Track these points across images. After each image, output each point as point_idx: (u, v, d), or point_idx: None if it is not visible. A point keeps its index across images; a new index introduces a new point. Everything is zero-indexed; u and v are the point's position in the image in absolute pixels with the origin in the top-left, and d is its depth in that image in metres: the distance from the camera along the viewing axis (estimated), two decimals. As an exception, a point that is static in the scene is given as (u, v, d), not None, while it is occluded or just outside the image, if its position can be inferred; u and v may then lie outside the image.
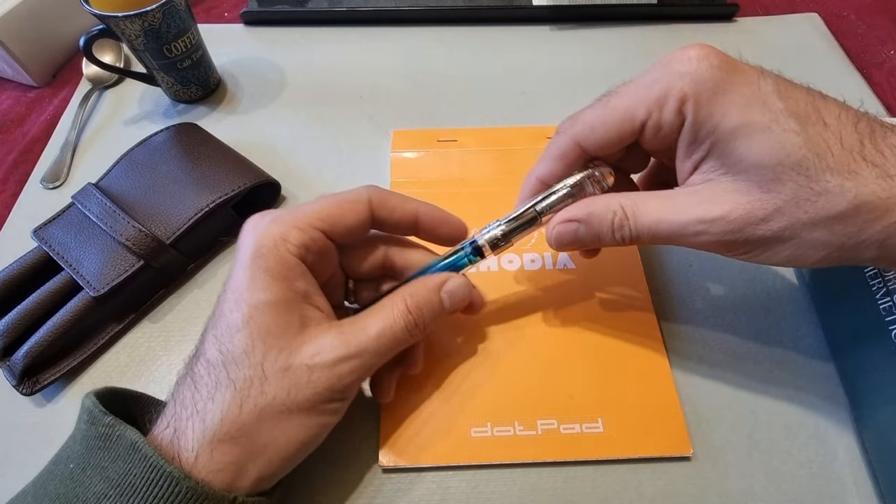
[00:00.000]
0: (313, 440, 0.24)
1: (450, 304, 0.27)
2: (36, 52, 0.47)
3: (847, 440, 0.29)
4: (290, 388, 0.22)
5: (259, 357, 0.23)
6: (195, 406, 0.22)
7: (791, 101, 0.22)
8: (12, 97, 0.48)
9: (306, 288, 0.25)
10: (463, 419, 0.29)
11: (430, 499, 0.28)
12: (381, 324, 0.25)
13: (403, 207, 0.27)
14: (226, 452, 0.22)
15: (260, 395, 0.22)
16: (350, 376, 0.23)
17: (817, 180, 0.21)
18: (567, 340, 0.32)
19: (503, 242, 0.27)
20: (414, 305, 0.25)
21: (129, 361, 0.33)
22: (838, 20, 0.52)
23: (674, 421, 0.29)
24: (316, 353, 0.23)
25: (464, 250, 0.28)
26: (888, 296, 0.28)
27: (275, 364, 0.23)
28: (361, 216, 0.26)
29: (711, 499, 0.28)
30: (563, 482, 0.28)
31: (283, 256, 0.24)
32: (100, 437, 0.22)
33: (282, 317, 0.23)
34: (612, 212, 0.25)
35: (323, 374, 0.23)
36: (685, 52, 0.23)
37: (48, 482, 0.22)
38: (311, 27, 0.51)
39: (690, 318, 0.33)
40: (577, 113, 0.27)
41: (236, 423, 0.22)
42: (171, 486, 0.20)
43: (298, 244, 0.24)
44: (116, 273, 0.32)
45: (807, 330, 0.33)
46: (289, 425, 0.23)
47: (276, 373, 0.23)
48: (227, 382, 0.22)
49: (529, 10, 0.51)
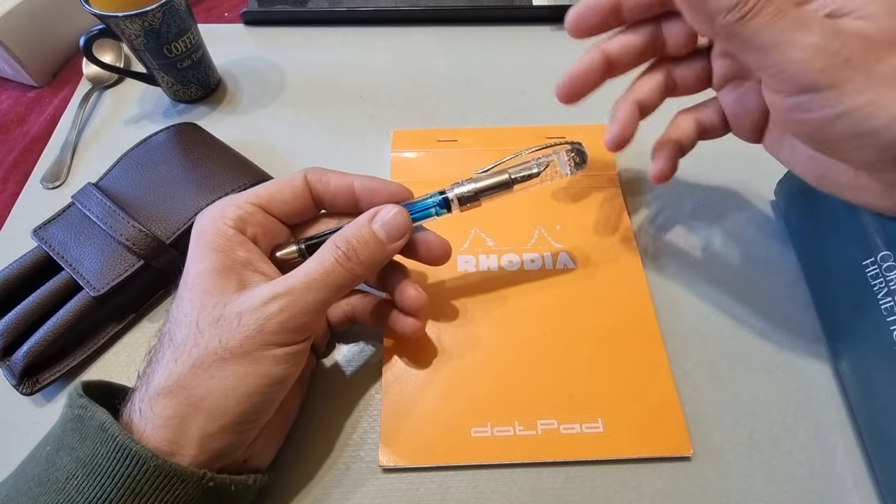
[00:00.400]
0: (255, 391, 0.23)
1: (385, 235, 0.26)
2: (36, 52, 0.47)
3: (847, 440, 0.29)
4: (220, 336, 0.23)
5: (195, 314, 0.23)
6: (145, 374, 0.24)
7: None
8: (12, 97, 0.48)
9: (247, 256, 0.25)
10: (463, 419, 0.29)
11: (430, 499, 0.28)
12: (310, 264, 0.25)
13: (340, 180, 0.28)
14: (165, 406, 0.22)
15: (194, 346, 0.23)
16: (280, 315, 0.23)
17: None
18: (567, 340, 0.32)
19: (472, 200, 0.28)
20: (341, 240, 0.25)
21: (129, 361, 0.33)
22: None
23: (674, 421, 0.29)
24: (245, 300, 0.23)
25: (431, 199, 0.28)
26: (889, 296, 0.28)
27: (208, 317, 0.23)
28: (297, 190, 0.28)
29: (711, 499, 0.28)
30: (563, 482, 0.28)
31: (219, 229, 0.25)
32: (74, 419, 0.23)
33: (219, 279, 0.24)
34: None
35: (252, 316, 0.23)
36: None
37: (27, 465, 0.23)
38: (311, 27, 0.51)
39: (691, 318, 0.33)
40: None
41: (172, 376, 0.22)
42: (137, 465, 0.21)
43: (234, 217, 0.26)
44: (116, 273, 0.32)
45: (807, 330, 0.33)
46: (224, 374, 0.22)
47: (210, 324, 0.23)
48: (168, 344, 0.23)
49: (529, 10, 0.51)
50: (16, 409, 0.31)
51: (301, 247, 0.28)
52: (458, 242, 0.36)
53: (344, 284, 0.25)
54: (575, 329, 0.32)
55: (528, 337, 0.32)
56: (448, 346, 0.32)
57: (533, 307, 0.33)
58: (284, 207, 0.27)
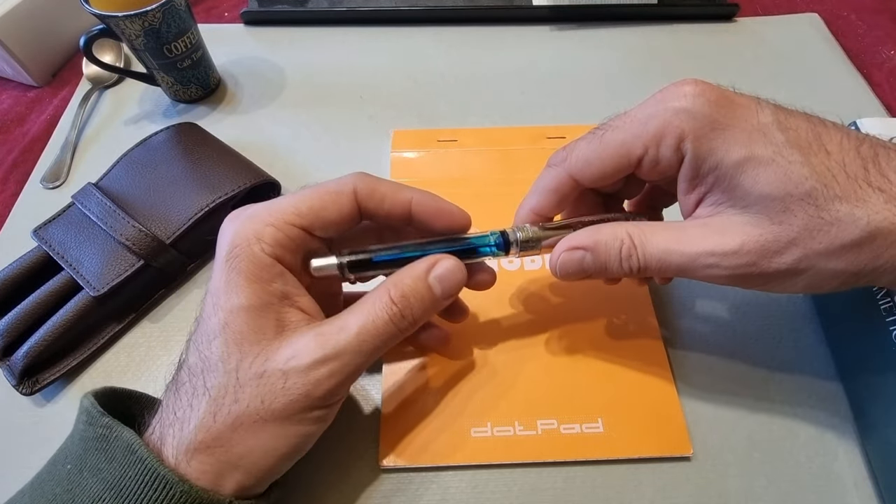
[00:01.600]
0: (294, 450, 0.23)
1: (441, 292, 0.24)
2: (36, 52, 0.47)
3: (847, 440, 0.29)
4: (263, 397, 0.21)
5: (234, 364, 0.22)
6: (175, 413, 0.22)
7: (792, 132, 0.22)
8: (12, 97, 0.48)
9: (284, 289, 0.23)
10: (463, 419, 0.29)
11: (430, 499, 0.28)
12: (363, 319, 0.23)
13: (395, 197, 0.25)
14: (202, 461, 0.21)
15: (234, 403, 0.21)
16: (329, 381, 0.22)
17: (827, 209, 0.21)
18: (567, 340, 0.32)
19: (534, 245, 0.26)
20: (398, 295, 0.23)
21: (129, 361, 0.33)
22: (838, 20, 0.52)
23: (674, 421, 0.29)
24: (291, 356, 0.22)
25: (491, 236, 0.26)
26: (888, 296, 0.28)
27: (249, 370, 0.21)
28: (345, 209, 0.24)
29: (711, 499, 0.28)
30: (563, 482, 0.28)
31: (256, 257, 0.22)
32: (97, 437, 0.22)
33: (256, 321, 0.22)
34: (620, 240, 0.24)
35: (299, 379, 0.21)
36: (680, 88, 0.23)
37: (45, 483, 0.22)
38: (311, 27, 0.51)
39: (691, 318, 0.33)
40: (570, 145, 0.26)
41: (211, 432, 0.21)
42: (165, 489, 0.20)
43: (273, 243, 0.23)
44: (116, 273, 0.32)
45: (807, 330, 0.33)
46: (266, 435, 0.21)
47: (251, 380, 0.21)
48: (203, 390, 0.22)
49: (529, 10, 0.51)
50: (16, 409, 0.31)
51: (342, 262, 0.24)
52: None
53: (392, 343, 0.23)
54: (575, 329, 0.32)
55: (528, 337, 0.32)
56: (447, 347, 0.32)
57: (533, 307, 0.33)
58: (328, 226, 0.24)
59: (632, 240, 0.24)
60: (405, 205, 0.25)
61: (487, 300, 0.33)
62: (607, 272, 0.25)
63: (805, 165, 0.21)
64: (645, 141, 0.23)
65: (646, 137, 0.23)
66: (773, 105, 0.23)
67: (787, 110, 0.23)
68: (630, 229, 0.25)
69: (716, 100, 0.22)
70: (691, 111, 0.22)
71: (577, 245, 0.25)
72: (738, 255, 0.22)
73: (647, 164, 0.24)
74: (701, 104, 0.22)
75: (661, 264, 0.24)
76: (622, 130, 0.24)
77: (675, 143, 0.23)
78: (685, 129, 0.22)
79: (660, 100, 0.23)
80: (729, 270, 0.23)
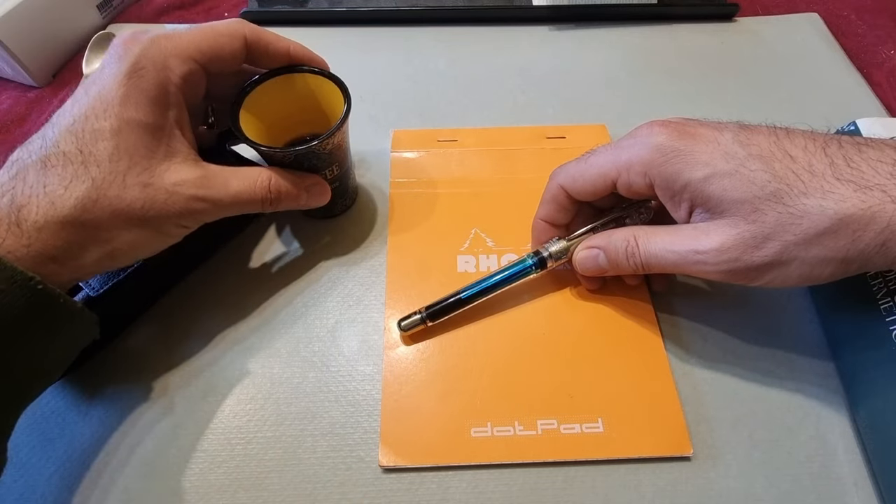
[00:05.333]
0: (149, 250, 0.27)
1: (305, 202, 0.31)
2: (36, 52, 0.47)
3: (847, 440, 0.29)
4: (145, 202, 0.25)
5: (123, 167, 0.25)
6: (44, 189, 0.23)
7: (753, 146, 0.25)
8: (12, 97, 0.48)
9: (178, 118, 0.27)
10: (463, 419, 0.29)
11: (430, 499, 0.28)
12: (242, 187, 0.28)
13: (277, 44, 0.30)
14: (72, 233, 0.24)
15: (116, 198, 0.24)
16: (199, 215, 0.27)
17: (794, 205, 0.23)
18: (567, 340, 0.32)
19: (564, 255, 0.31)
20: (275, 188, 0.29)
21: (130, 361, 0.32)
22: (838, 20, 0.52)
23: (674, 421, 0.29)
24: (178, 183, 0.26)
25: (528, 258, 0.32)
26: (889, 296, 0.28)
27: (137, 178, 0.25)
28: (238, 52, 0.29)
29: (711, 499, 0.28)
30: (563, 482, 0.28)
31: (162, 82, 0.26)
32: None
33: (150, 140, 0.25)
34: (626, 241, 0.29)
35: (179, 202, 0.26)
36: (650, 127, 0.27)
37: None
38: (311, 27, 0.51)
39: (691, 318, 0.33)
40: (565, 163, 0.31)
41: (88, 212, 0.24)
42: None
43: (181, 74, 0.26)
44: (115, 273, 0.32)
45: (807, 330, 0.33)
46: (134, 232, 0.25)
47: (136, 185, 0.25)
48: (84, 178, 0.24)
49: (529, 10, 0.51)
50: (16, 409, 0.31)
51: (423, 315, 0.31)
52: (458, 242, 0.36)
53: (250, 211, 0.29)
54: (575, 329, 0.32)
55: (528, 337, 0.32)
56: (448, 346, 0.32)
57: (533, 307, 0.33)
58: (222, 67, 0.29)
59: (636, 241, 0.28)
60: (285, 51, 0.31)
61: (488, 301, 0.33)
62: (619, 268, 0.29)
63: (767, 171, 0.24)
64: (618, 167, 0.28)
65: (619, 164, 0.28)
66: (736, 126, 0.26)
67: (750, 128, 0.26)
68: (636, 232, 0.29)
69: (678, 134, 0.26)
70: (657, 145, 0.26)
71: (593, 245, 0.30)
72: (720, 251, 0.25)
73: (622, 186, 0.28)
74: (664, 139, 0.26)
75: (659, 261, 0.27)
76: (602, 156, 0.29)
77: (642, 171, 0.27)
78: (650, 159, 0.26)
79: (634, 135, 0.28)
80: (717, 266, 0.25)
